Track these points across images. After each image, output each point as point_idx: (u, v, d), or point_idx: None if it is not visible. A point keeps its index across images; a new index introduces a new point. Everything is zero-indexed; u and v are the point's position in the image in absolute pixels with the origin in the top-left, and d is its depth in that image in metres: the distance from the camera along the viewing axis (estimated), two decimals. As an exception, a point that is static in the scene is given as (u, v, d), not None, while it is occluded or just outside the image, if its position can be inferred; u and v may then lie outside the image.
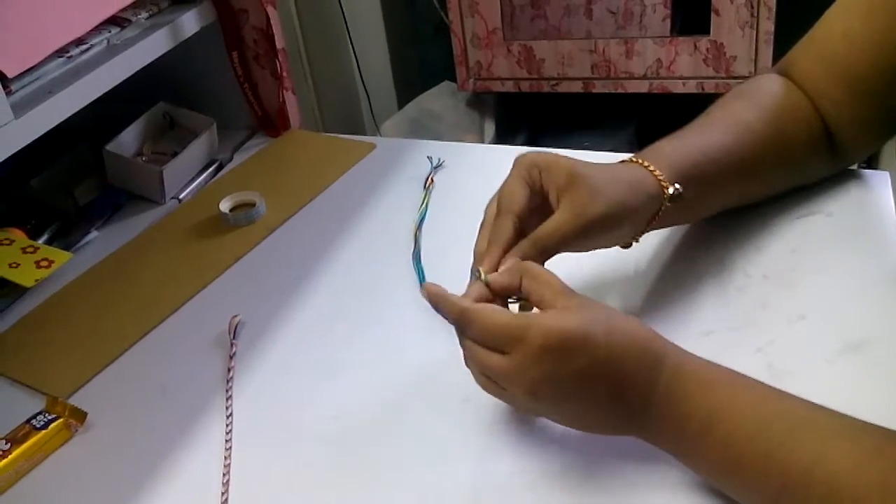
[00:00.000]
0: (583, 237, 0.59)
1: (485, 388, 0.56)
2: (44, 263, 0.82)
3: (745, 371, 0.52)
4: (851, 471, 0.45)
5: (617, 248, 0.65)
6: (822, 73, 0.72)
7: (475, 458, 0.59)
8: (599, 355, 0.50)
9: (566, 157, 0.61)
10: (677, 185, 0.63)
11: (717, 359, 0.53)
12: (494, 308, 0.54)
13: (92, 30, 0.85)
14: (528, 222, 0.60)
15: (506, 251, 0.58)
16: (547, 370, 0.50)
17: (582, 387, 0.51)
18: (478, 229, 0.62)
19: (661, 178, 0.63)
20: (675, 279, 0.71)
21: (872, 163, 1.35)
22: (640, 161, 0.64)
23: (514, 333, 0.51)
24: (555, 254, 0.59)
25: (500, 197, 0.61)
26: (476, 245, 0.61)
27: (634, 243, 0.66)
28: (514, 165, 0.62)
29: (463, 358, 0.56)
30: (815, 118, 0.73)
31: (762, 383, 0.51)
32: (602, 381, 0.51)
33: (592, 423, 0.54)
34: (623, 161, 0.65)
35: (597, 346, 0.50)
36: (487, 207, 0.62)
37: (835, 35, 0.72)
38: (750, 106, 0.73)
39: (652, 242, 0.75)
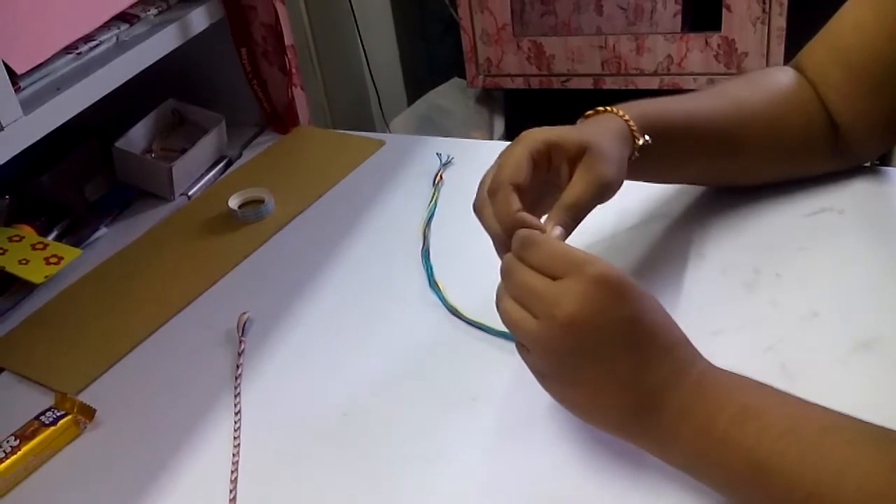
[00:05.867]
0: (598, 199, 0.59)
1: (515, 323, 0.52)
2: (53, 260, 0.82)
3: (757, 370, 0.52)
4: (884, 474, 0.44)
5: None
6: (832, 64, 0.72)
7: (482, 456, 0.59)
8: (642, 317, 0.51)
9: (569, 129, 0.61)
10: (647, 137, 0.63)
11: (727, 358, 0.53)
12: (563, 242, 0.55)
13: (101, 26, 0.85)
14: (529, 195, 0.59)
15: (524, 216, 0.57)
16: (591, 303, 0.49)
17: (613, 343, 0.50)
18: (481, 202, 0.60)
19: (633, 128, 0.63)
20: (682, 276, 0.70)
21: (885, 161, 1.33)
22: (618, 112, 0.64)
23: (578, 261, 0.51)
24: (582, 219, 0.59)
25: (505, 165, 0.59)
26: (487, 226, 0.59)
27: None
28: (519, 140, 0.60)
29: (497, 297, 0.54)
30: (818, 111, 0.72)
31: (787, 392, 0.51)
32: (633, 348, 0.50)
33: (603, 404, 0.52)
34: (603, 111, 0.65)
35: (647, 310, 0.51)
36: (485, 178, 0.61)
37: (846, 27, 0.71)
38: (747, 85, 0.73)
39: (656, 237, 0.74)
